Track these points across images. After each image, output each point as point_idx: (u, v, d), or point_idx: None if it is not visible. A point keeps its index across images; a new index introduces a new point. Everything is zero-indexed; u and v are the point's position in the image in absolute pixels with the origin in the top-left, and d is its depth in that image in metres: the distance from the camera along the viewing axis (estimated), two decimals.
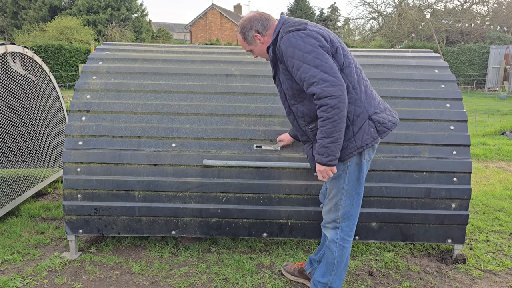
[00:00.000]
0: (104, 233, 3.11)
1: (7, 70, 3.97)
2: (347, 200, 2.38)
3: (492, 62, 20.63)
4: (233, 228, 3.10)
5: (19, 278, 2.89)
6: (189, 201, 3.06)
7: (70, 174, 3.04)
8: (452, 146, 3.07)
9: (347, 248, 2.46)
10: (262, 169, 3.04)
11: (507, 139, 8.39)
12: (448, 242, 3.10)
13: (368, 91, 2.31)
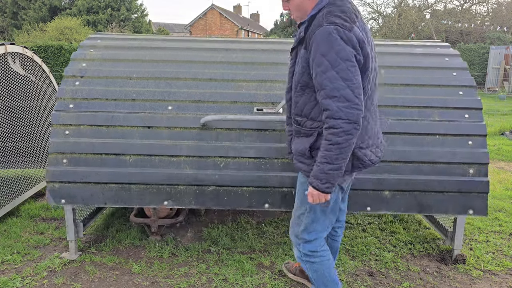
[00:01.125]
0: (89, 202, 2.86)
1: (6, 70, 3.97)
2: (310, 215, 2.20)
3: (491, 62, 20.63)
4: (231, 198, 2.85)
5: (19, 278, 2.89)
6: (184, 167, 2.84)
7: (57, 137, 2.87)
8: (464, 109, 2.94)
9: (318, 262, 2.28)
10: (263, 132, 2.86)
11: (507, 140, 8.39)
12: (470, 213, 2.87)
13: (364, 122, 2.03)
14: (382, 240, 3.60)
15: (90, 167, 2.85)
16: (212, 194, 2.87)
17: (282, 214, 4.22)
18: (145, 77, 3.10)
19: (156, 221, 3.52)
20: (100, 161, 2.86)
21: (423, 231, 3.77)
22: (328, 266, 2.31)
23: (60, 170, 2.84)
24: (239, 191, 2.86)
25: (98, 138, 2.87)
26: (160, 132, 2.89)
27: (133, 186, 2.87)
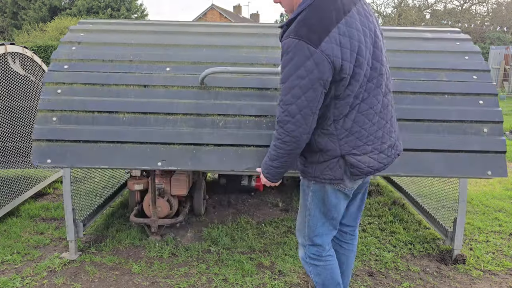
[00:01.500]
0: (77, 163, 2.65)
1: (6, 71, 3.97)
2: (312, 219, 2.16)
3: (491, 62, 20.62)
4: (231, 158, 2.64)
5: (19, 278, 2.88)
6: (181, 125, 2.70)
7: (48, 95, 2.75)
8: (471, 71, 2.89)
9: (322, 266, 2.24)
10: (264, 90, 2.76)
11: (507, 140, 8.39)
12: (489, 174, 2.67)
13: (356, 128, 1.92)
14: (382, 240, 3.60)
15: (81, 125, 2.68)
16: (210, 154, 2.65)
17: (282, 214, 4.22)
18: (143, 43, 3.04)
19: (156, 221, 3.53)
20: (91, 119, 2.70)
21: (423, 231, 3.77)
22: (332, 271, 2.26)
23: (49, 128, 2.66)
24: (239, 151, 2.67)
25: (92, 97, 2.73)
26: (157, 91, 2.77)
27: (126, 145, 2.67)
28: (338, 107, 1.88)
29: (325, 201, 2.09)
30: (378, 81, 1.92)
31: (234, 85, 2.78)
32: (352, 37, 1.79)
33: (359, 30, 1.82)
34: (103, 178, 4.12)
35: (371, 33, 1.88)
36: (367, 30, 1.86)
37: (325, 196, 2.08)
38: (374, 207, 4.40)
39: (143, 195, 3.80)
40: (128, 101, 2.74)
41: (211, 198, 4.60)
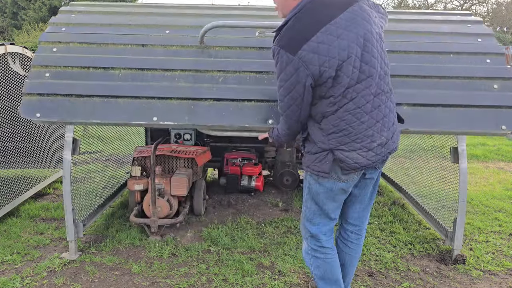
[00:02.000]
0: (68, 118, 2.53)
1: (6, 71, 3.97)
2: (308, 210, 2.29)
3: None
4: (231, 113, 2.54)
5: (19, 278, 2.88)
6: (179, 81, 2.61)
7: (43, 52, 2.69)
8: (475, 35, 2.90)
9: (322, 259, 2.30)
10: (266, 50, 2.71)
11: (507, 140, 8.39)
12: (503, 129, 2.58)
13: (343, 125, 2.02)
14: (382, 240, 3.60)
15: (74, 80, 2.58)
16: (209, 109, 2.54)
17: (282, 214, 4.22)
18: (143, 12, 3.03)
19: (156, 221, 3.53)
20: (86, 75, 2.61)
21: (423, 231, 3.77)
22: (331, 265, 2.31)
23: (40, 82, 2.57)
24: (239, 106, 2.57)
25: (88, 54, 2.68)
26: (155, 50, 2.72)
27: (120, 99, 2.56)
28: (324, 105, 2.02)
29: (320, 193, 2.19)
30: (368, 82, 2.00)
31: (235, 44, 2.75)
32: (332, 44, 1.92)
33: (341, 37, 1.92)
34: (103, 178, 4.13)
35: (360, 38, 1.95)
36: (354, 34, 1.94)
37: (319, 189, 2.18)
38: (374, 207, 4.40)
39: (143, 195, 3.80)
40: (125, 58, 2.67)
41: (211, 198, 4.60)
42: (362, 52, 1.96)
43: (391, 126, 2.13)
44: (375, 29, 2.04)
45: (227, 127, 2.57)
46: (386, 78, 2.09)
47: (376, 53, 2.01)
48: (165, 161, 3.93)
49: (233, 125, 2.55)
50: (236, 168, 4.78)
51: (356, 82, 1.97)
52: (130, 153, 4.74)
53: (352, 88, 1.98)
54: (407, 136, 4.88)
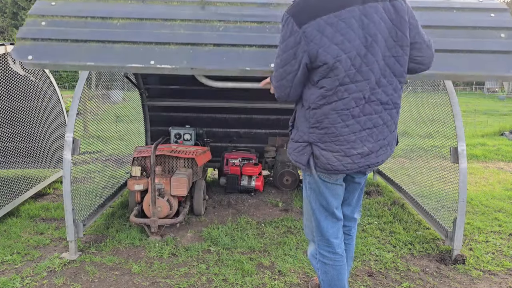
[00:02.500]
0: (61, 61, 2.45)
1: (6, 71, 3.97)
2: (313, 213, 2.20)
3: None
4: (231, 57, 2.48)
5: (19, 278, 2.88)
6: (179, 29, 2.57)
7: (41, 5, 2.65)
8: None
9: (330, 265, 2.23)
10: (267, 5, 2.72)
11: (507, 140, 8.40)
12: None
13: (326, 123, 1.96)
14: (382, 240, 3.60)
15: (71, 27, 2.53)
16: (208, 54, 2.49)
17: (282, 214, 4.22)
18: None
19: (156, 221, 3.53)
20: (83, 23, 2.56)
21: (422, 231, 3.78)
22: (339, 271, 2.23)
23: (36, 29, 2.52)
24: (240, 51, 2.52)
25: (87, 7, 2.65)
26: (155, 6, 2.71)
27: (117, 44, 2.51)
28: (313, 93, 1.95)
29: (321, 193, 2.13)
30: (362, 85, 1.89)
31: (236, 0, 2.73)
32: (339, 31, 1.82)
33: (351, 27, 1.82)
34: (103, 178, 4.13)
35: (368, 37, 1.84)
36: (364, 31, 1.83)
37: (319, 189, 2.12)
38: (373, 207, 4.40)
39: (143, 195, 3.80)
40: (124, 10, 2.65)
41: (211, 198, 4.61)
42: (366, 52, 1.85)
43: (380, 139, 2.00)
44: (396, 35, 1.88)
45: (227, 71, 2.49)
46: (389, 89, 1.94)
47: (380, 59, 1.88)
48: (165, 161, 3.93)
49: (234, 69, 2.47)
50: (236, 168, 4.79)
51: (350, 81, 1.87)
52: (130, 153, 4.74)
53: (345, 87, 1.88)
54: (407, 136, 4.88)
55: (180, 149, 4.01)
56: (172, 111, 5.29)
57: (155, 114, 5.29)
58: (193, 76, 2.75)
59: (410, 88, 4.98)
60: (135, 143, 5.05)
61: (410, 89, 5.00)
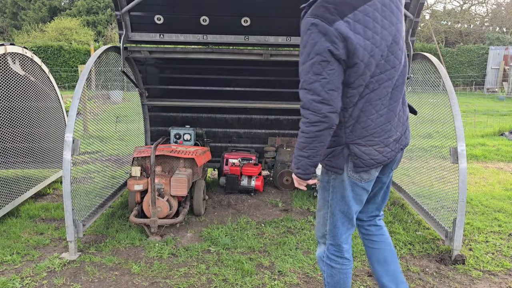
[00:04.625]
0: None
1: (6, 71, 3.97)
2: (331, 217, 2.14)
3: (491, 63, 20.65)
4: None
5: (18, 279, 2.88)
6: None
7: None
8: None
9: (338, 269, 2.19)
10: None
11: (506, 140, 8.40)
12: None
13: (363, 117, 1.95)
14: None
15: None
16: None
17: (282, 214, 4.22)
18: None
19: (156, 222, 3.53)
20: None
21: (422, 232, 3.78)
22: (345, 276, 2.21)
23: None
24: None
25: None
26: None
27: None
28: (349, 96, 1.91)
29: (345, 197, 2.08)
30: (391, 73, 1.94)
31: None
32: (367, 26, 1.83)
33: (376, 20, 1.85)
34: (103, 178, 4.13)
35: (392, 26, 1.89)
36: (388, 22, 1.88)
37: (345, 192, 2.07)
38: None
39: (143, 195, 3.80)
40: None
41: (211, 198, 4.61)
42: (391, 42, 1.89)
43: (405, 120, 2.08)
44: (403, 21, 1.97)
45: None
46: (405, 70, 2.03)
47: (402, 45, 1.96)
48: (165, 161, 3.93)
49: None
50: (236, 168, 4.79)
51: (380, 72, 1.90)
52: (130, 153, 4.74)
53: (376, 78, 1.90)
54: None
55: (180, 149, 4.01)
56: (172, 111, 5.29)
57: (155, 114, 5.29)
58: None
59: (410, 88, 4.97)
60: (135, 143, 5.05)
61: (410, 89, 5.00)
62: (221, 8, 4.12)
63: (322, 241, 2.25)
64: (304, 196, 4.70)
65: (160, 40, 4.34)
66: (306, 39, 1.83)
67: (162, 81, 5.13)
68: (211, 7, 4.09)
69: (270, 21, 4.23)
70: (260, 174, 4.92)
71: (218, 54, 4.39)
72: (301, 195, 4.74)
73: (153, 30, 4.29)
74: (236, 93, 5.12)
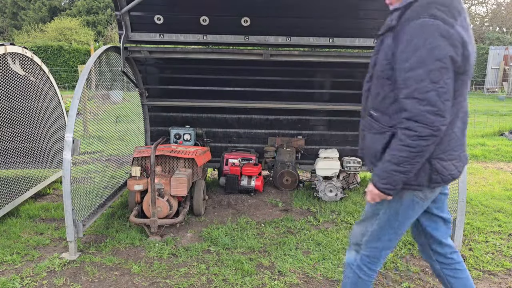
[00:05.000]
0: None
1: (6, 71, 3.97)
2: (377, 230, 2.01)
3: (491, 63, 20.65)
4: None
5: (18, 279, 2.88)
6: None
7: None
8: None
9: (364, 280, 2.09)
10: None
11: (506, 140, 8.40)
12: None
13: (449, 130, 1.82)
14: None
15: None
16: None
17: (282, 214, 4.22)
18: None
19: (156, 222, 3.53)
20: None
21: None
22: (368, 287, 2.12)
23: None
24: None
25: None
26: None
27: None
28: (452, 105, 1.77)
29: (400, 214, 1.95)
30: (467, 83, 1.83)
31: None
32: (467, 32, 1.76)
33: (468, 29, 1.79)
34: (103, 178, 4.13)
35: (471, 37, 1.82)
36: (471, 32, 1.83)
37: (401, 209, 1.94)
38: None
39: (143, 195, 3.80)
40: None
41: (211, 198, 4.61)
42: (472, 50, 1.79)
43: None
44: None
45: None
46: None
47: None
48: (165, 161, 3.93)
49: None
50: (236, 168, 4.79)
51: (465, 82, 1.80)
52: (130, 153, 4.74)
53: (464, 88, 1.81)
54: None
55: (180, 149, 4.01)
56: (172, 111, 5.29)
57: (155, 114, 5.29)
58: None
59: None
60: (135, 143, 5.05)
61: None
62: (221, 8, 4.12)
63: (355, 248, 2.13)
64: (304, 196, 4.70)
65: (160, 40, 4.34)
66: (421, 42, 1.66)
67: (162, 81, 5.13)
68: (211, 7, 4.09)
69: (270, 21, 4.23)
70: (260, 174, 4.92)
71: (218, 54, 4.39)
72: (301, 195, 4.74)
73: (153, 30, 4.29)
74: (236, 93, 5.12)
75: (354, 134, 5.37)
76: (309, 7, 4.06)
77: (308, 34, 4.30)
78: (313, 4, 4.02)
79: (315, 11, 4.10)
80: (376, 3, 3.97)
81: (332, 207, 4.38)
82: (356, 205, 4.48)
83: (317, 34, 4.30)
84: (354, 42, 4.34)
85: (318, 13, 4.12)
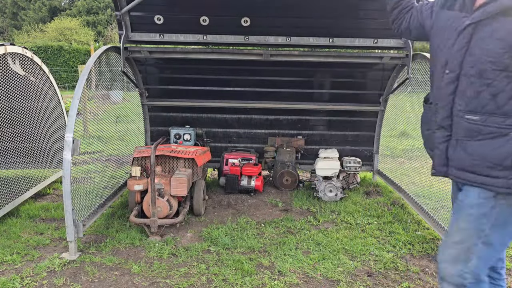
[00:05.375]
0: None
1: (6, 71, 3.97)
2: (488, 249, 1.71)
3: None
4: None
5: (18, 279, 2.88)
6: None
7: None
8: None
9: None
10: None
11: None
12: None
13: None
14: (382, 240, 3.60)
15: None
16: None
17: (282, 214, 4.22)
18: None
19: (156, 222, 3.53)
20: None
21: (422, 231, 3.78)
22: None
23: None
24: None
25: None
26: None
27: None
28: None
29: (509, 224, 1.72)
30: None
31: None
32: None
33: None
34: (103, 178, 4.13)
35: None
36: None
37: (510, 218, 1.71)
38: (373, 207, 4.40)
39: (143, 195, 3.81)
40: None
41: (211, 198, 4.61)
42: None
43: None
44: None
45: None
46: None
47: None
48: (165, 161, 3.94)
49: None
50: (236, 168, 4.79)
51: None
52: (130, 153, 4.75)
53: None
54: (407, 136, 4.88)
55: (180, 149, 4.01)
56: (172, 111, 5.29)
57: (155, 114, 5.30)
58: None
59: (410, 88, 4.98)
60: (135, 143, 5.06)
61: (410, 89, 5.00)
62: (221, 8, 4.12)
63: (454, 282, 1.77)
64: (304, 196, 4.70)
65: (160, 40, 4.34)
66: None
67: (162, 81, 5.13)
68: (211, 7, 4.09)
69: (270, 21, 4.23)
70: (260, 174, 4.92)
71: (218, 54, 4.40)
72: (301, 195, 4.74)
73: (153, 30, 4.29)
74: (236, 93, 5.12)
75: (353, 134, 5.38)
76: (309, 7, 4.06)
77: (308, 34, 4.31)
78: (313, 4, 4.03)
79: (315, 11, 4.11)
80: (376, 3, 3.97)
81: (332, 207, 4.38)
82: (356, 205, 4.48)
83: (317, 34, 4.30)
84: (354, 42, 4.34)
85: (318, 13, 4.12)
